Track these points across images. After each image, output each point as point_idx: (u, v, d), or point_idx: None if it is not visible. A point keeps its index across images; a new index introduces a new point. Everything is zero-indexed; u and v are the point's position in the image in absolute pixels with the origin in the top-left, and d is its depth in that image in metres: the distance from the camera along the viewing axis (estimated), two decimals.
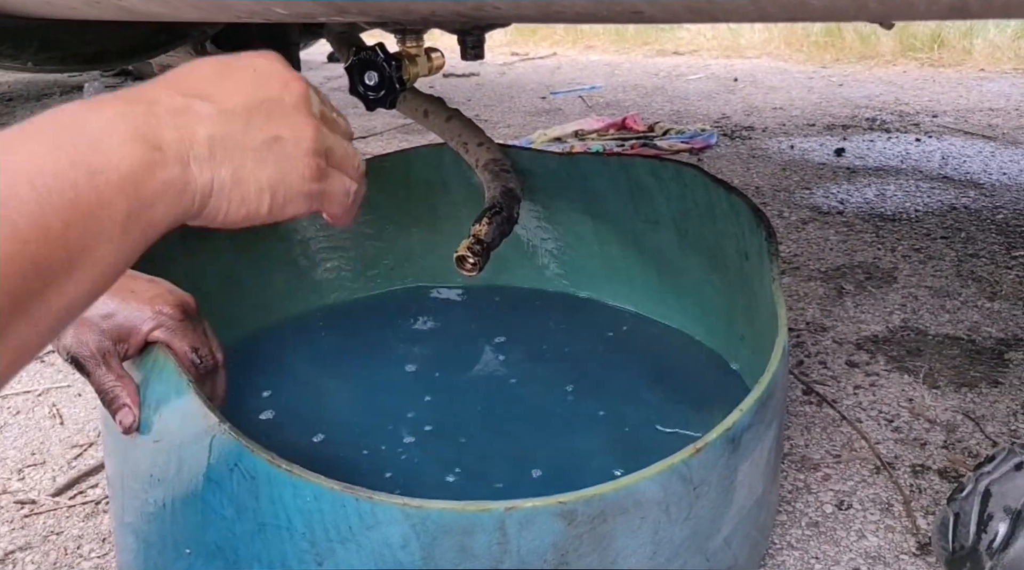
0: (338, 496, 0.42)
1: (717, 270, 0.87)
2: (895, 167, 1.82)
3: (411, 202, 1.04)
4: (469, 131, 0.89)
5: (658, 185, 0.89)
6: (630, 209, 0.93)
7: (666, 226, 0.91)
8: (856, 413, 0.93)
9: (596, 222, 0.97)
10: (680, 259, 0.92)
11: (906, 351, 1.05)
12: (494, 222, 0.73)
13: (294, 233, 1.00)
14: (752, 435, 0.55)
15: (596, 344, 0.92)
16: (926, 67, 3.04)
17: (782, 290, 0.69)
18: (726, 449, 0.52)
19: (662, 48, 3.79)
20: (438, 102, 0.92)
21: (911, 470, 0.83)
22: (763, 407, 0.56)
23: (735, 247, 0.82)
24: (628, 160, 0.93)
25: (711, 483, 0.52)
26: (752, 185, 1.74)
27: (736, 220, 0.80)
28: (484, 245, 0.71)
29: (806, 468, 0.84)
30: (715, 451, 0.51)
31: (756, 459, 0.57)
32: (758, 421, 0.55)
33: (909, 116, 2.30)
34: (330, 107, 0.44)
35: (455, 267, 0.72)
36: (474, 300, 1.03)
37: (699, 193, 0.85)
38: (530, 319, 0.98)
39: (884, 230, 1.45)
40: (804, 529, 0.75)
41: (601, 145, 2.05)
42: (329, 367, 0.90)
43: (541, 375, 0.87)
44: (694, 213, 0.87)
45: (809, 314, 1.16)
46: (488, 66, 3.59)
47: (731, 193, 0.80)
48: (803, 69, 3.16)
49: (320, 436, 0.77)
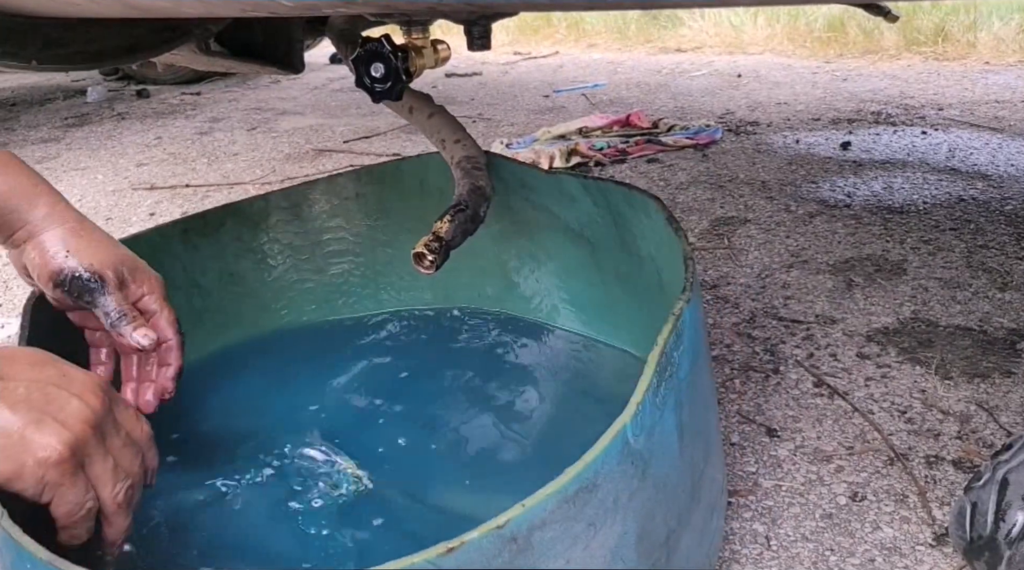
0: (41, 566, 0.39)
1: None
2: (902, 160, 1.81)
3: (426, 209, 1.00)
4: (448, 128, 0.87)
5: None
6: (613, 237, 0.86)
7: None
8: (868, 405, 0.92)
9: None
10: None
11: (917, 342, 1.04)
12: (456, 220, 0.71)
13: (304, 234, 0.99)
14: (556, 533, 0.43)
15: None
16: (930, 61, 3.02)
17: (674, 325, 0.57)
18: (502, 549, 0.41)
19: (664, 45, 3.78)
20: (424, 98, 0.91)
21: (925, 461, 0.82)
22: (568, 503, 0.44)
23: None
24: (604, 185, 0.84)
25: None
26: (758, 179, 1.74)
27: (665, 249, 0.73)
28: (443, 242, 0.69)
29: (819, 460, 0.83)
30: (481, 551, 0.40)
31: (578, 560, 0.45)
32: (561, 518, 0.43)
33: (915, 109, 2.28)
34: (127, 418, 0.49)
35: (412, 264, 0.70)
36: (476, 324, 0.98)
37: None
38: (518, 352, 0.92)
39: (892, 222, 1.44)
40: (818, 521, 0.75)
41: (605, 142, 2.04)
42: (320, 377, 0.89)
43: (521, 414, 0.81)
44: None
45: (818, 307, 1.15)
46: (490, 65, 3.59)
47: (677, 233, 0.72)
48: (806, 64, 3.15)
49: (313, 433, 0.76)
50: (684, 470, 0.57)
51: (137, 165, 2.22)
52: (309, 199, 0.99)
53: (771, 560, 0.70)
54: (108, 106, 3.13)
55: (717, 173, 1.80)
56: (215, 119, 2.79)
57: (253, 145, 2.36)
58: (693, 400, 0.58)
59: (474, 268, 1.00)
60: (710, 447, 0.63)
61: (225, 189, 1.91)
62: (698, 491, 0.59)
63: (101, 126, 2.77)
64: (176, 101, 3.16)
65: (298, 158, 2.18)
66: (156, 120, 2.82)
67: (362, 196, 1.00)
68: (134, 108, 3.07)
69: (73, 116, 2.97)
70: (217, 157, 2.26)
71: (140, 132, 2.64)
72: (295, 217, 0.99)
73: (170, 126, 2.71)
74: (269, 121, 2.69)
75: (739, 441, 0.87)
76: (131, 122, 2.81)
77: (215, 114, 2.87)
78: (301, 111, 2.83)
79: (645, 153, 1.99)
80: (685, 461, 0.57)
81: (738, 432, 0.88)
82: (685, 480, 0.57)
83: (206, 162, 2.21)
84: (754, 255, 1.35)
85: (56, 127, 2.77)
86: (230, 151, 2.32)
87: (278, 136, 2.46)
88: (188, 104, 3.09)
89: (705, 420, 0.62)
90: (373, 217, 1.02)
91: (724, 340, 1.08)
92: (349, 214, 1.01)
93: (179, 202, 1.84)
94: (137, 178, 2.08)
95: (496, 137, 2.20)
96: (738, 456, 0.84)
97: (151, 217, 1.73)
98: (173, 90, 3.38)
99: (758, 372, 1.00)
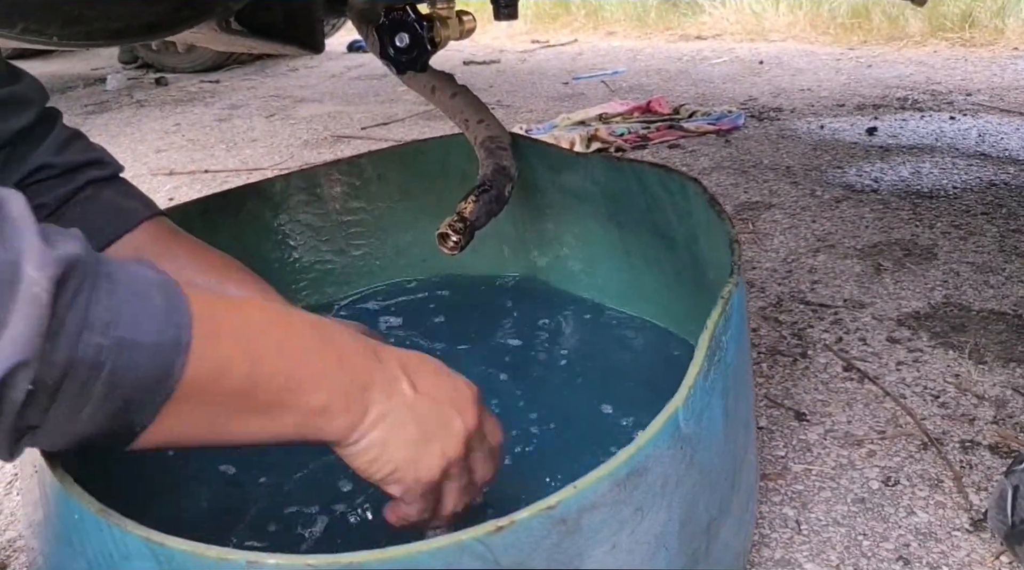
0: (95, 520, 0.38)
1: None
2: (930, 145, 1.78)
3: (447, 191, 0.99)
4: (471, 108, 0.86)
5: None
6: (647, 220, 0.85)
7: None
8: (900, 389, 0.90)
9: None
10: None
11: (950, 327, 1.02)
12: (481, 200, 0.70)
13: (324, 215, 0.98)
14: (605, 516, 0.42)
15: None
16: (957, 47, 2.97)
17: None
18: (551, 530, 0.40)
19: (685, 33, 3.74)
20: (447, 78, 0.89)
21: (960, 446, 0.80)
22: (619, 486, 0.43)
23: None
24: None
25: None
26: (783, 165, 1.71)
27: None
28: (467, 223, 0.68)
29: (850, 444, 0.81)
30: (530, 531, 0.39)
31: (624, 544, 0.44)
32: (611, 501, 0.42)
33: (942, 95, 2.24)
34: (491, 428, 0.52)
35: (437, 244, 0.69)
36: (500, 297, 0.97)
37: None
38: (552, 324, 0.91)
39: (921, 207, 1.41)
40: (850, 505, 0.73)
41: (626, 128, 2.02)
42: None
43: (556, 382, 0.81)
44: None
45: (847, 291, 1.13)
46: (509, 53, 3.56)
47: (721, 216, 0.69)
48: (830, 51, 3.10)
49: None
50: (727, 457, 0.55)
51: (156, 151, 2.22)
52: (329, 180, 0.98)
53: (802, 544, 0.69)
54: (127, 94, 3.14)
55: (740, 158, 1.78)
56: (234, 106, 2.79)
57: (271, 132, 2.36)
58: (738, 384, 0.57)
59: (498, 252, 0.99)
60: (749, 434, 0.62)
61: (244, 174, 1.91)
62: (738, 478, 0.57)
63: (120, 113, 2.78)
64: (195, 88, 3.16)
65: (316, 144, 2.18)
66: (175, 107, 2.82)
67: (383, 177, 0.99)
68: (153, 96, 3.08)
69: (93, 103, 2.98)
70: (236, 143, 2.26)
71: (159, 119, 2.65)
72: (315, 198, 0.98)
73: (189, 113, 2.72)
74: (287, 108, 2.69)
75: (767, 425, 0.85)
76: (150, 109, 2.82)
77: (233, 101, 2.87)
78: (319, 98, 2.83)
79: (666, 139, 1.96)
80: (728, 448, 0.55)
81: (766, 416, 0.87)
82: (728, 467, 0.55)
83: (225, 148, 2.21)
84: (779, 239, 1.33)
85: (76, 114, 2.78)
86: (249, 137, 2.32)
87: (296, 123, 2.46)
88: (207, 91, 3.09)
89: (746, 404, 0.61)
90: (394, 199, 1.00)
91: (751, 325, 1.06)
92: (370, 196, 1.00)
93: (198, 187, 1.84)
94: (156, 164, 2.08)
95: (515, 123, 2.18)
96: (767, 440, 0.83)
97: (170, 202, 1.73)
98: (192, 78, 3.39)
99: (785, 356, 0.98)
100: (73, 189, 0.62)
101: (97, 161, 0.65)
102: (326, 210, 0.98)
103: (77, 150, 0.64)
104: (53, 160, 0.62)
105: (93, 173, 0.64)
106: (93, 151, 0.66)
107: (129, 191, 0.66)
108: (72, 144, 0.65)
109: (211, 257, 0.67)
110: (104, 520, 0.37)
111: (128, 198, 0.65)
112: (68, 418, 0.34)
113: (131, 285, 0.36)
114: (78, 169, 0.63)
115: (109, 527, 0.37)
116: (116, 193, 0.64)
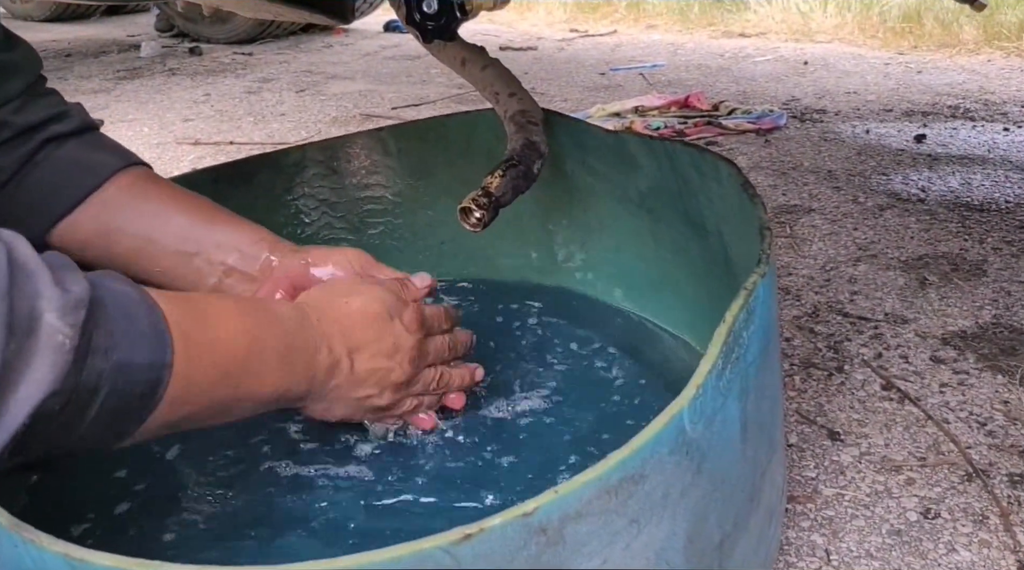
0: (8, 536, 0.34)
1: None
2: (981, 156, 1.69)
3: (471, 170, 0.93)
4: (502, 81, 0.80)
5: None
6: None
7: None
8: (943, 413, 0.83)
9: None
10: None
11: (999, 349, 0.95)
12: (508, 175, 0.65)
13: (341, 190, 0.93)
14: (593, 527, 0.37)
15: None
16: (1013, 57, 2.85)
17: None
18: (528, 540, 0.35)
19: (728, 29, 3.65)
20: (478, 51, 0.84)
21: (1009, 479, 0.73)
22: (609, 494, 0.37)
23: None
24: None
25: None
26: (824, 168, 1.63)
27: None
28: (492, 198, 0.63)
29: (887, 470, 0.75)
30: (504, 541, 0.34)
31: (617, 560, 0.39)
32: (600, 510, 0.37)
33: (996, 105, 2.14)
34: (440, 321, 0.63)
35: (459, 220, 0.64)
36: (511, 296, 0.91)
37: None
38: (566, 326, 0.85)
39: (971, 220, 1.34)
40: (885, 537, 0.67)
41: (662, 122, 1.95)
42: None
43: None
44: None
45: (888, 304, 1.06)
46: (546, 41, 3.50)
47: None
48: (878, 55, 3.00)
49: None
50: (745, 467, 0.49)
51: (184, 120, 2.20)
52: (348, 153, 0.93)
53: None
54: (160, 61, 3.12)
55: (780, 159, 1.71)
56: (265, 79, 2.76)
57: (301, 107, 2.32)
58: (760, 389, 0.51)
59: (519, 237, 0.93)
60: (774, 445, 0.56)
61: (269, 148, 1.87)
62: (758, 493, 0.52)
63: (152, 80, 2.76)
64: (228, 60, 3.14)
65: (345, 122, 2.13)
66: (206, 77, 2.80)
67: (404, 153, 0.94)
68: (186, 65, 3.05)
69: (125, 69, 2.96)
70: (264, 117, 2.22)
71: (189, 88, 2.62)
72: (332, 172, 0.93)
73: (219, 84, 2.69)
74: (318, 84, 2.65)
75: (797, 442, 0.79)
76: (181, 78, 2.80)
77: (265, 75, 2.84)
78: (351, 76, 2.79)
79: (704, 135, 1.89)
80: (747, 457, 0.49)
81: (796, 433, 0.81)
82: (745, 479, 0.49)
83: (252, 121, 2.18)
84: (818, 246, 1.26)
85: (107, 79, 2.77)
86: (277, 111, 2.28)
87: (326, 99, 2.42)
88: (239, 63, 3.06)
89: (771, 413, 0.55)
90: (415, 176, 0.95)
91: (783, 333, 1.00)
92: (390, 172, 0.95)
93: (221, 158, 1.80)
94: (182, 133, 2.05)
95: None
96: (796, 459, 0.77)
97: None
98: (226, 49, 3.36)
99: (820, 370, 0.92)
100: (32, 149, 0.57)
101: (58, 115, 0.59)
102: (343, 185, 0.94)
103: (39, 107, 0.59)
104: (10, 118, 0.57)
105: (54, 128, 0.58)
106: (57, 107, 0.60)
107: (100, 143, 0.61)
108: (34, 102, 0.59)
109: (196, 201, 0.63)
110: (18, 535, 0.33)
111: (97, 151, 0.59)
112: (63, 437, 0.37)
113: (120, 307, 0.38)
114: (36, 127, 0.58)
115: (24, 543, 0.33)
116: (81, 147, 0.59)
